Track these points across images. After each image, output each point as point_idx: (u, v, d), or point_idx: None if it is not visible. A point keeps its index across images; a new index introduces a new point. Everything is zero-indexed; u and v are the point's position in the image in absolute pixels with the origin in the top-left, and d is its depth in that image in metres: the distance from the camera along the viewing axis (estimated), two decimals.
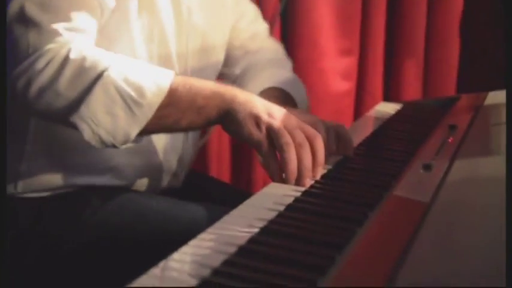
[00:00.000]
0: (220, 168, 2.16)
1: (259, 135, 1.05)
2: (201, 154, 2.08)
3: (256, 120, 1.06)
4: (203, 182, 1.55)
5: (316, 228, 0.83)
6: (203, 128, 1.25)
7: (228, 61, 1.50)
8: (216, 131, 2.01)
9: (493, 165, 1.00)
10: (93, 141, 1.04)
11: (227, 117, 1.07)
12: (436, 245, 0.76)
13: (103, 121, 1.03)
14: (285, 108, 1.16)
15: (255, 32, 1.53)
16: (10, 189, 1.20)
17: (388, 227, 0.85)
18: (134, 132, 1.05)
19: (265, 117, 1.06)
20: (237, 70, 1.50)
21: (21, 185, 1.20)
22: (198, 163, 2.05)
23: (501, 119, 1.24)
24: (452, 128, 1.30)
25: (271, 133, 1.05)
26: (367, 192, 0.98)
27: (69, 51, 1.03)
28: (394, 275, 0.67)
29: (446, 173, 1.02)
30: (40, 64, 1.02)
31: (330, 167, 1.11)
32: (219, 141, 2.12)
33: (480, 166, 1.04)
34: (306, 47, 2.14)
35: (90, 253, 1.16)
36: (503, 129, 1.15)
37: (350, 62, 2.23)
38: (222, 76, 1.53)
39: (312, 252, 0.76)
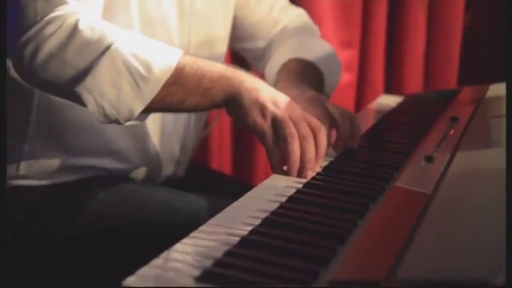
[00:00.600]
0: (222, 161, 2.16)
1: (264, 125, 1.04)
2: (203, 147, 2.08)
3: (262, 108, 1.05)
4: (205, 174, 1.56)
5: (318, 219, 0.83)
6: (208, 110, 1.24)
7: (249, 36, 1.49)
8: (217, 123, 2.01)
9: (495, 157, 1.00)
10: (97, 114, 1.02)
11: (233, 102, 1.06)
12: (438, 236, 0.76)
13: (108, 93, 1.01)
14: (300, 88, 1.17)
15: (272, 3, 1.50)
16: (12, 171, 1.21)
17: (390, 219, 0.85)
18: (138, 108, 1.03)
19: (270, 106, 1.05)
20: (261, 43, 1.49)
21: (23, 166, 1.21)
22: (200, 155, 2.05)
23: (502, 112, 1.24)
24: (454, 120, 1.30)
25: (276, 123, 1.04)
26: (369, 184, 0.98)
27: (78, 20, 1.02)
28: (396, 267, 0.67)
29: (448, 165, 1.03)
30: (48, 31, 1.02)
31: (332, 158, 1.11)
32: (221, 133, 2.12)
33: (481, 158, 1.04)
34: None
35: (91, 245, 1.16)
36: (504, 121, 1.15)
37: (351, 55, 2.23)
38: (246, 51, 1.52)
39: (314, 244, 0.76)
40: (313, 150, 1.04)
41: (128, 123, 1.06)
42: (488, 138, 1.15)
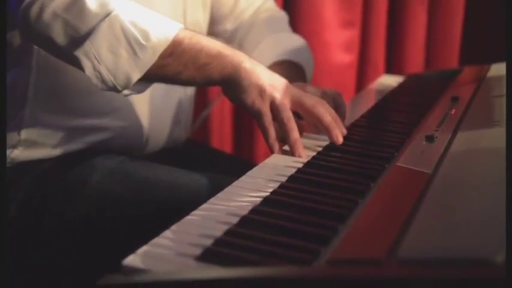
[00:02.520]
0: (222, 141, 2.17)
1: (262, 106, 1.06)
2: (203, 127, 2.08)
3: (260, 90, 1.06)
4: (205, 153, 1.56)
5: (318, 198, 0.83)
6: (203, 86, 1.25)
7: (218, 19, 1.49)
8: (218, 103, 2.01)
9: (495, 136, 1.00)
10: (94, 79, 1.05)
11: (231, 81, 1.07)
12: (438, 215, 0.76)
13: (105, 59, 1.03)
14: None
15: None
16: (14, 137, 1.21)
17: (391, 198, 0.85)
18: (135, 75, 1.05)
19: (269, 89, 1.07)
20: (230, 26, 1.50)
21: (25, 132, 1.21)
22: (200, 135, 2.06)
23: (503, 91, 1.23)
24: (455, 100, 1.30)
25: (273, 106, 1.06)
26: (370, 163, 0.98)
27: None
28: (396, 246, 0.68)
29: (448, 144, 1.03)
30: None
31: None
32: (221, 113, 2.12)
33: (482, 137, 1.04)
34: (308, 19, 2.13)
35: (93, 223, 1.16)
36: (505, 100, 1.15)
37: (352, 34, 2.22)
38: (215, 36, 1.52)
39: (314, 223, 0.76)
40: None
41: (126, 92, 1.08)
42: (489, 117, 1.15)
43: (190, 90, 1.41)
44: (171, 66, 1.06)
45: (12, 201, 1.18)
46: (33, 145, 1.22)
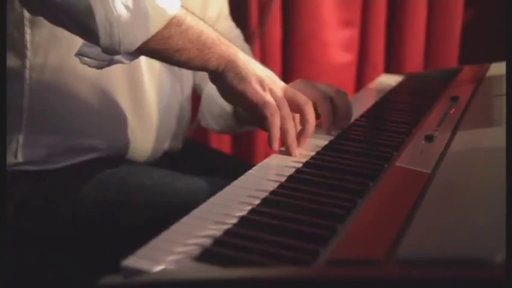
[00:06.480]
0: (221, 141, 2.16)
1: (266, 95, 1.04)
2: (202, 127, 2.08)
3: (260, 80, 1.05)
4: (204, 153, 1.56)
5: (317, 199, 0.83)
6: (197, 70, 1.17)
7: None
8: None
9: (495, 136, 1.00)
10: (102, 30, 0.95)
11: (229, 70, 1.04)
12: (437, 215, 0.76)
13: (121, 12, 0.94)
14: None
15: (219, 12, 1.50)
16: (10, 159, 1.20)
17: (390, 198, 0.85)
18: (141, 37, 0.97)
19: (267, 80, 1.05)
20: None
21: (21, 153, 1.20)
22: (199, 135, 2.05)
23: (503, 90, 1.23)
24: (454, 99, 1.30)
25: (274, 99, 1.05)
26: (369, 163, 0.98)
27: None
28: (395, 246, 0.67)
29: (448, 144, 1.02)
30: None
31: (331, 137, 1.11)
32: None
33: (482, 137, 1.04)
34: (308, 19, 2.13)
35: (90, 226, 1.16)
36: (505, 100, 1.15)
37: (352, 34, 2.22)
38: None
39: (313, 223, 0.76)
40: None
41: (118, 58, 1.01)
42: (488, 117, 1.15)
43: (187, 105, 1.41)
44: (174, 39, 0.99)
45: (9, 204, 1.17)
46: (29, 164, 1.21)
